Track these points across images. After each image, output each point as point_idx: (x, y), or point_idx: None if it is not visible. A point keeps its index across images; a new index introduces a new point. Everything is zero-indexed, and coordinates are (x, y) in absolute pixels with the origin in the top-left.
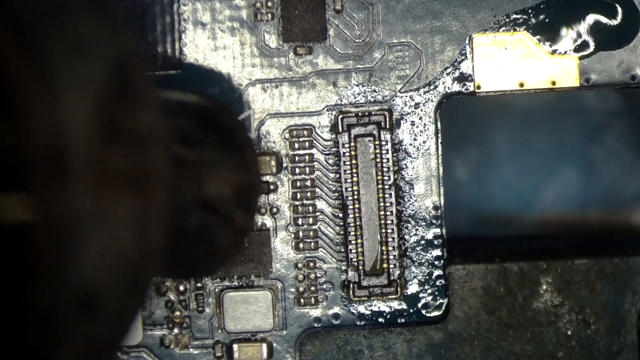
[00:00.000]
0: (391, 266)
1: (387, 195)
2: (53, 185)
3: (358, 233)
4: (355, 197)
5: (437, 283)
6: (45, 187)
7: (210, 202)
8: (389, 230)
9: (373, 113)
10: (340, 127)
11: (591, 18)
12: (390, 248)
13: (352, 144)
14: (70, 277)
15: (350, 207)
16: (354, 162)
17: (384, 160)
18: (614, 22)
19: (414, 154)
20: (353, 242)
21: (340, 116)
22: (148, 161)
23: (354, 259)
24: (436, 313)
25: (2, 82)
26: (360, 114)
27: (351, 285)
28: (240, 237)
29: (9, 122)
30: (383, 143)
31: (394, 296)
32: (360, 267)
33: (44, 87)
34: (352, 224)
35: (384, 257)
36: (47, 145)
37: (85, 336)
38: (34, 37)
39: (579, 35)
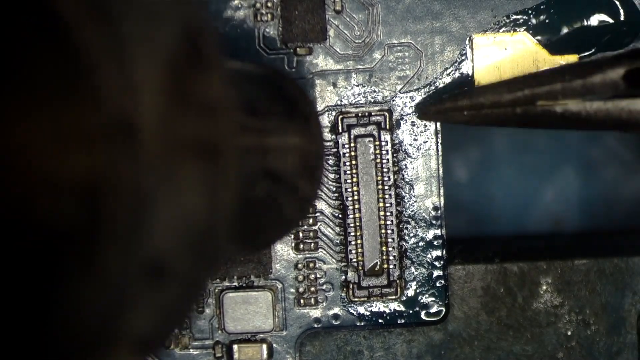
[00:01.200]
0: (391, 267)
1: (387, 196)
2: (124, 152)
3: (358, 234)
4: (355, 197)
5: (437, 283)
6: (116, 154)
7: (275, 171)
8: (389, 231)
9: (373, 113)
10: (340, 128)
11: (591, 18)
12: (390, 249)
13: (352, 144)
14: (141, 245)
15: (350, 207)
16: (353, 162)
17: (384, 161)
18: (614, 22)
19: (414, 154)
20: (353, 242)
21: (340, 117)
22: (218, 129)
23: (354, 260)
24: (436, 313)
25: (74, 48)
26: (360, 114)
27: (351, 285)
28: (305, 206)
29: (81, 88)
30: (383, 143)
31: (393, 297)
32: (360, 268)
33: (115, 53)
34: (352, 225)
35: (384, 257)
36: (118, 111)
37: (154, 305)
38: (104, 2)
39: (579, 35)
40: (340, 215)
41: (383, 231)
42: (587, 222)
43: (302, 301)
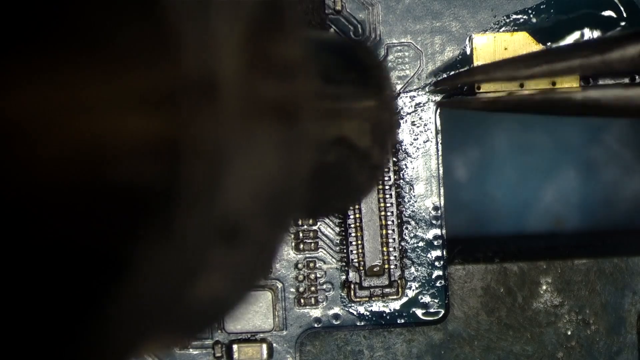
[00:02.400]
0: (392, 267)
1: (387, 196)
2: (204, 111)
3: (358, 234)
4: (356, 205)
5: (437, 283)
6: (197, 112)
7: (348, 138)
8: (390, 231)
9: None
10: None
11: (591, 18)
12: (390, 249)
13: None
14: (218, 205)
15: (350, 207)
16: None
17: (383, 170)
18: (614, 22)
19: (414, 154)
20: (353, 242)
21: None
22: (295, 92)
23: (355, 260)
24: (436, 313)
25: (156, 10)
26: None
27: (352, 285)
28: (376, 173)
29: (162, 44)
30: None
31: (394, 297)
32: (361, 268)
33: (196, 11)
34: (352, 225)
35: (385, 257)
36: (199, 71)
37: (228, 266)
38: None
39: (579, 35)
40: (340, 215)
41: (383, 231)
42: (587, 222)
43: (302, 301)
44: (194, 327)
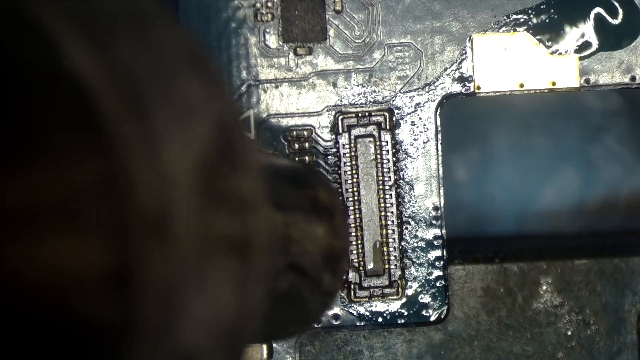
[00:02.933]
0: (392, 267)
1: (387, 196)
2: (157, 248)
3: (359, 234)
4: (356, 197)
5: (437, 283)
6: (149, 250)
7: (299, 264)
8: (390, 231)
9: (373, 113)
10: (340, 128)
11: (591, 18)
12: (390, 249)
13: (353, 144)
14: (172, 341)
15: (351, 207)
16: (354, 162)
17: (384, 161)
18: (615, 23)
19: (414, 154)
20: (354, 242)
21: (341, 117)
22: (250, 225)
23: (355, 260)
24: (436, 313)
25: (107, 141)
26: (360, 114)
27: (352, 286)
28: (327, 300)
29: (113, 182)
30: (383, 144)
31: (394, 297)
32: (361, 268)
33: (148, 147)
34: (352, 225)
35: (385, 257)
36: (151, 206)
37: None
38: (139, 97)
39: (579, 35)
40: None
41: (384, 231)
42: (587, 222)
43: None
44: None
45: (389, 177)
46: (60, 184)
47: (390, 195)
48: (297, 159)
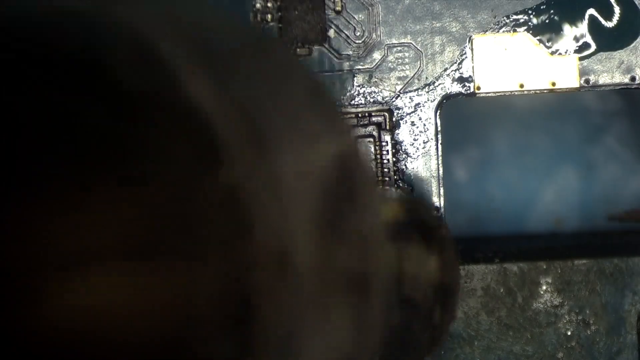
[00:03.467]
0: None
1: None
2: (278, 285)
3: None
4: None
5: None
6: (271, 287)
7: (411, 298)
8: None
9: (373, 114)
10: None
11: (591, 18)
12: None
13: None
14: None
15: None
16: None
17: (384, 161)
18: (615, 23)
19: (414, 154)
20: None
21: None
22: (370, 265)
23: None
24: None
25: (228, 172)
26: (360, 114)
27: None
28: (438, 335)
29: (236, 214)
30: (383, 144)
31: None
32: None
33: (270, 182)
34: None
35: None
36: (273, 241)
37: None
38: (259, 129)
39: (579, 35)
40: None
41: None
42: (587, 222)
43: None
44: None
45: (389, 177)
46: (180, 216)
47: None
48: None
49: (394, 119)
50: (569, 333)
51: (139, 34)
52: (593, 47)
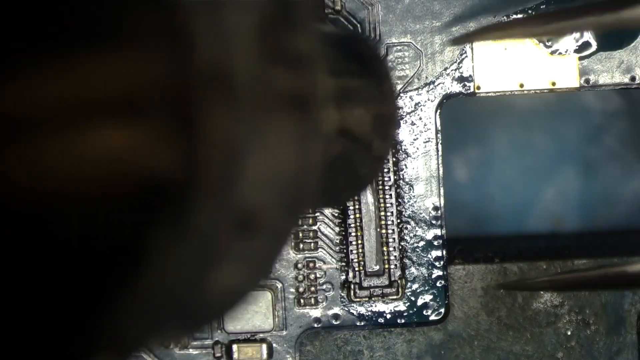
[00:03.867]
0: (392, 267)
1: (387, 196)
2: (218, 101)
3: (358, 234)
4: (356, 197)
5: (437, 283)
6: (211, 102)
7: (350, 129)
8: (389, 231)
9: None
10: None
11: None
12: (390, 249)
13: None
14: (233, 197)
15: (350, 207)
16: None
17: (384, 161)
18: None
19: (414, 154)
20: (353, 242)
21: None
22: (307, 81)
23: (355, 260)
24: (436, 313)
25: (170, 3)
26: None
27: (352, 285)
28: (377, 165)
29: (177, 38)
30: None
31: (394, 297)
32: (361, 268)
33: (210, 6)
34: (352, 225)
35: (385, 257)
36: (213, 61)
37: (243, 257)
38: None
39: (579, 35)
40: (340, 215)
41: (383, 231)
42: (587, 222)
43: (302, 301)
44: (205, 320)
45: (389, 177)
46: (121, 41)
47: (390, 195)
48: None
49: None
50: (569, 333)
51: None
52: (593, 46)
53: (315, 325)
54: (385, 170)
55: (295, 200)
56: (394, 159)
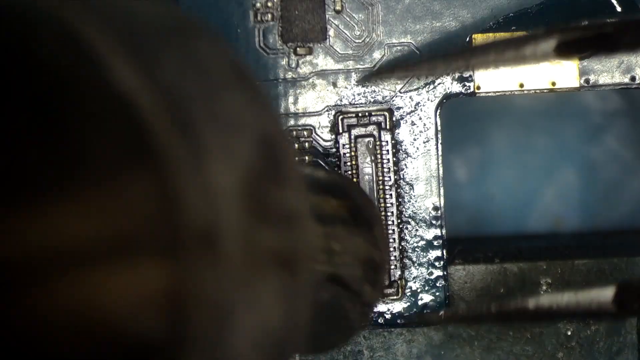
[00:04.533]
0: (392, 267)
1: (387, 196)
2: (207, 266)
3: None
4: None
5: (437, 283)
6: (199, 268)
7: (340, 276)
8: (390, 231)
9: (373, 113)
10: (340, 128)
11: (591, 18)
12: (390, 249)
13: (352, 144)
14: (221, 352)
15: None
16: (354, 162)
17: (384, 161)
18: (615, 22)
19: (414, 154)
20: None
21: (341, 117)
22: (296, 239)
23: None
24: (436, 313)
25: (155, 158)
26: (360, 114)
27: None
28: (367, 311)
29: (163, 197)
30: (383, 143)
31: (395, 297)
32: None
33: (196, 163)
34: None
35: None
36: (200, 224)
37: None
38: (186, 113)
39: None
40: None
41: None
42: (587, 222)
43: None
44: None
45: (389, 177)
46: (111, 208)
47: (391, 195)
48: (336, 169)
49: (394, 119)
50: (569, 333)
51: (64, 20)
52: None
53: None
54: (386, 170)
55: (282, 353)
56: (394, 159)
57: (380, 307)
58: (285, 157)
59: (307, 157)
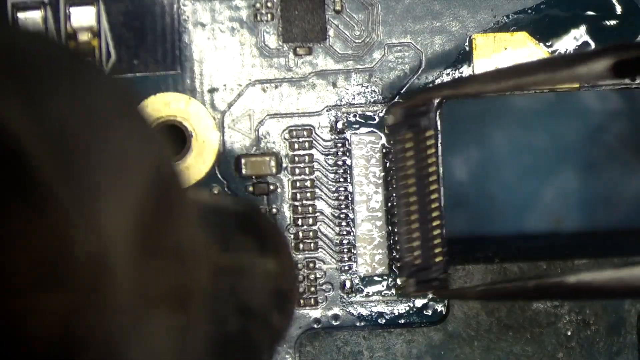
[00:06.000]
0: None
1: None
2: (95, 306)
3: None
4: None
5: (437, 283)
6: (88, 308)
7: (247, 306)
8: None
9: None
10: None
11: (591, 18)
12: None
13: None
14: None
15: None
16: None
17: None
18: (614, 22)
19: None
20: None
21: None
22: (189, 277)
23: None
24: (436, 314)
25: (45, 198)
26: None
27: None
28: (276, 341)
29: (51, 237)
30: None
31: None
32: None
33: (83, 207)
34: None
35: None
36: (89, 265)
37: None
38: (71, 154)
39: (579, 35)
40: (340, 215)
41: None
42: (587, 222)
43: (301, 301)
44: None
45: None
46: (5, 248)
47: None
48: (250, 191)
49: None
50: (569, 333)
51: None
52: (593, 46)
53: (315, 326)
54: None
55: None
56: (394, 159)
57: (380, 308)
58: (177, 192)
59: (307, 157)
